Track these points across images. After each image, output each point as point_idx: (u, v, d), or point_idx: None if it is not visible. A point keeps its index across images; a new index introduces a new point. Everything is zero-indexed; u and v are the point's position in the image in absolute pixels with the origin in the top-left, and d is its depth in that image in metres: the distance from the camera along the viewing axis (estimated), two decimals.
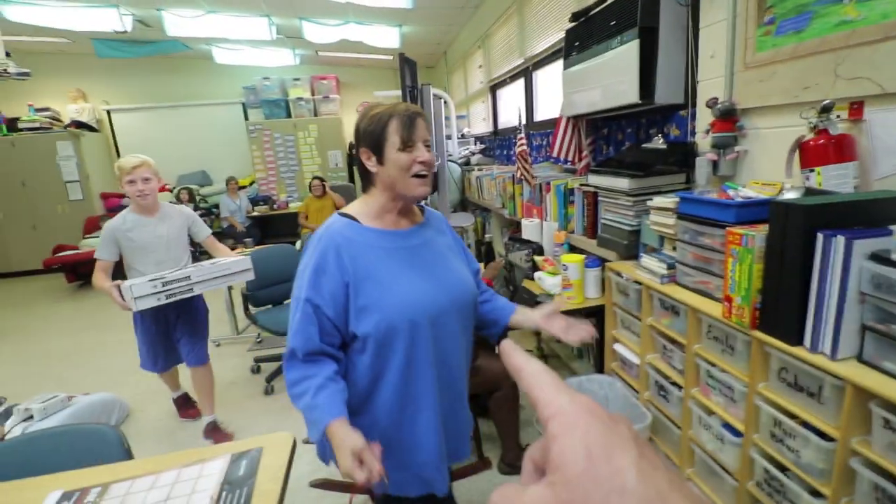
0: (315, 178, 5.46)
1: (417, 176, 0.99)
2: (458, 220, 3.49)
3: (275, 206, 6.67)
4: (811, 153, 1.26)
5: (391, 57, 6.23)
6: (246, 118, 6.96)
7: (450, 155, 4.54)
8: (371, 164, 1.01)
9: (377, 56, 6.33)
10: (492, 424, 2.04)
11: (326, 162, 7.06)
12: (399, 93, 2.86)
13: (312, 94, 7.00)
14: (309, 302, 0.98)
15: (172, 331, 2.28)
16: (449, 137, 4.80)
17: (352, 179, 7.08)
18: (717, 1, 1.67)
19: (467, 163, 4.68)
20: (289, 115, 6.93)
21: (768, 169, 1.53)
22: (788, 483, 1.13)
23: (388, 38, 5.18)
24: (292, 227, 5.95)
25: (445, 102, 4.44)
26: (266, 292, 2.96)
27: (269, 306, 3.02)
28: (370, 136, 0.99)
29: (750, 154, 1.60)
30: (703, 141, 1.73)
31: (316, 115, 7.02)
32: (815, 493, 1.07)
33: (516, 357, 0.26)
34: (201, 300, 2.34)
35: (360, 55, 6.36)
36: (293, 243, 4.41)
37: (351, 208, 1.07)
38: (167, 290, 1.93)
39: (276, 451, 1.04)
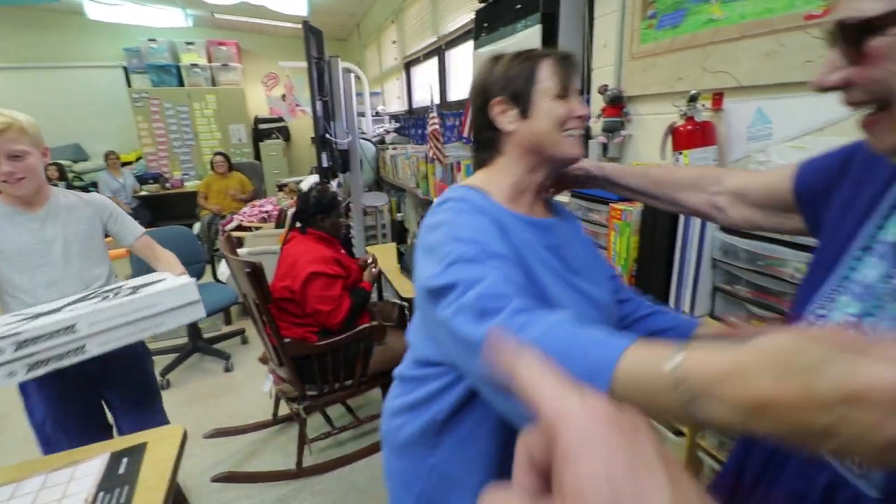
0: (217, 153, 5.02)
1: (570, 135, 0.73)
2: (371, 199, 3.44)
3: (167, 185, 6.05)
4: (680, 138, 1.41)
5: (299, 25, 5.86)
6: (129, 85, 6.16)
7: (363, 133, 4.42)
8: (508, 118, 0.72)
9: (283, 23, 5.92)
10: None
11: (228, 137, 6.52)
12: (305, 64, 2.71)
13: (209, 60, 6.37)
14: (500, 258, 0.60)
15: (97, 397, 1.51)
16: (362, 115, 4.66)
17: (258, 157, 6.62)
18: None
19: (382, 141, 4.60)
20: (181, 84, 6.26)
21: (648, 152, 1.69)
22: (655, 426, 1.30)
23: (294, 4, 4.84)
24: (189, 209, 5.43)
25: (358, 77, 4.30)
26: None
27: None
28: (512, 82, 0.71)
29: (634, 138, 1.76)
30: (596, 125, 1.86)
31: (214, 84, 6.41)
32: (678, 432, 1.24)
33: (506, 350, 0.22)
34: (140, 343, 1.50)
35: (263, 21, 5.89)
36: (190, 226, 4.05)
37: (477, 181, 0.75)
38: (27, 357, 1.09)
39: (163, 445, 0.97)
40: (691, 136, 1.39)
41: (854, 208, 0.51)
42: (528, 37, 2.02)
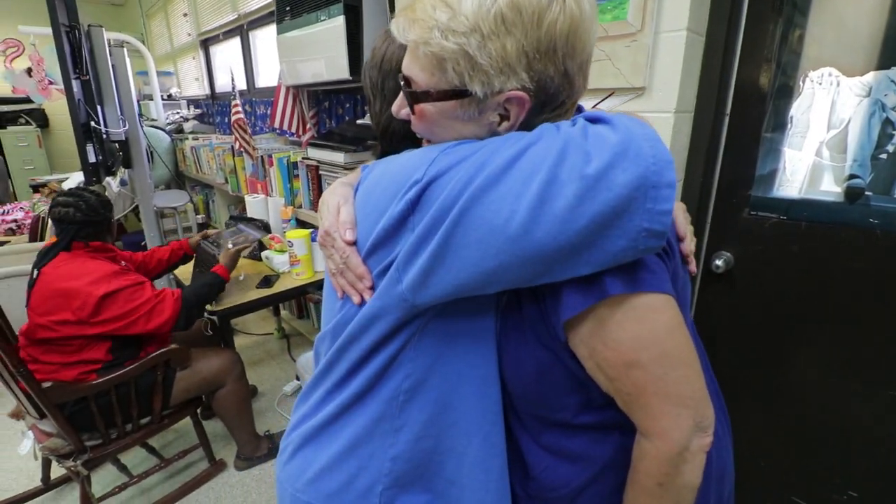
0: None
1: None
2: (166, 199, 2.92)
3: None
4: None
5: None
6: None
7: (152, 120, 3.76)
8: None
9: None
10: (219, 425, 1.86)
11: None
12: (50, 30, 2.12)
13: None
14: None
15: None
16: (149, 98, 3.96)
17: None
18: None
19: (179, 130, 3.98)
20: None
21: None
22: None
23: None
24: None
25: (138, 52, 3.61)
26: None
27: None
28: None
29: None
30: None
31: None
32: None
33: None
34: None
35: None
36: None
37: None
38: None
39: None
40: None
41: None
42: (332, 28, 1.95)
